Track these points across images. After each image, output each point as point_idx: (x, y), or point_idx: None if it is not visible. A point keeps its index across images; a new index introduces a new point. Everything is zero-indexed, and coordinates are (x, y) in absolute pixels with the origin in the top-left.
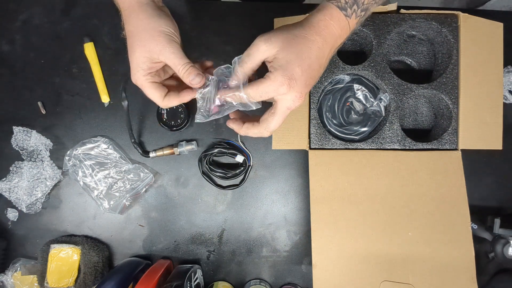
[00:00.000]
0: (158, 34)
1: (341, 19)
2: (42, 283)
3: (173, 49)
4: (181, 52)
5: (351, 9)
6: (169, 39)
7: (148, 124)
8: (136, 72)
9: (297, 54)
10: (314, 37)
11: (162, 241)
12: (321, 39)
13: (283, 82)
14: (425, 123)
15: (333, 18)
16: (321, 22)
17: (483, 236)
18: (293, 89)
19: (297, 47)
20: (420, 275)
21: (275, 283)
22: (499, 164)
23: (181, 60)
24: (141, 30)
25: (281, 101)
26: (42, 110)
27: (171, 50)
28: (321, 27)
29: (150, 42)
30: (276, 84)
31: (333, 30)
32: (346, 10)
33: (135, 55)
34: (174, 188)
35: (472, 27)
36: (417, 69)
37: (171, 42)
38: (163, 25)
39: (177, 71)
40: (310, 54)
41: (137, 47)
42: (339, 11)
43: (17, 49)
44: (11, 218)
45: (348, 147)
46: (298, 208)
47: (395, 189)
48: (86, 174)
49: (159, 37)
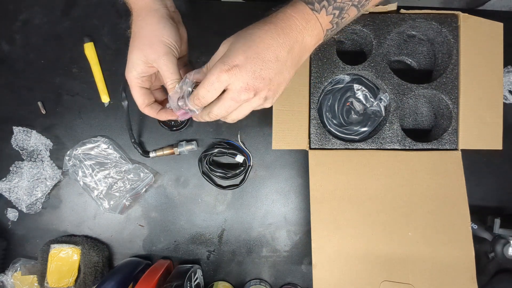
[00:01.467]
0: (157, 43)
1: (306, 13)
2: (42, 283)
3: (167, 61)
4: (174, 66)
5: (319, 4)
6: (166, 50)
7: (148, 124)
8: (130, 71)
9: (243, 43)
10: (268, 26)
11: (162, 241)
12: (278, 29)
13: (222, 68)
14: (425, 123)
15: (296, 10)
16: (280, 13)
17: (483, 236)
18: (236, 77)
19: (245, 37)
20: (420, 275)
21: (275, 283)
22: (499, 164)
23: (171, 75)
24: (143, 34)
25: (228, 90)
26: (42, 110)
27: (164, 62)
28: (280, 18)
29: (148, 48)
30: (216, 72)
31: (294, 22)
32: (313, 4)
33: (132, 56)
34: (174, 188)
35: (472, 27)
36: (417, 69)
37: (167, 54)
38: (165, 35)
39: (165, 84)
40: (259, 43)
41: (136, 49)
42: (304, 5)
43: (17, 49)
44: (11, 218)
45: (348, 147)
46: (298, 208)
47: (395, 189)
48: (86, 174)
49: (157, 46)
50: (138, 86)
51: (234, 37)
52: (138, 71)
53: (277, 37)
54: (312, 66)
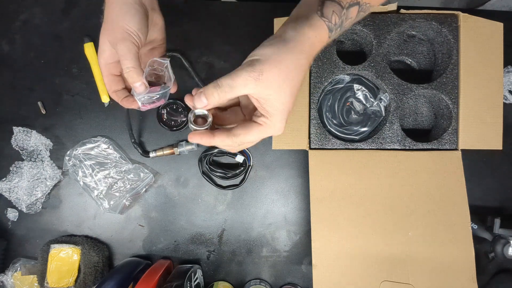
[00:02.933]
0: (117, 28)
1: (325, 39)
2: (42, 283)
3: (123, 47)
4: (131, 53)
5: (335, 31)
6: (124, 36)
7: (148, 124)
8: (100, 56)
9: (290, 92)
10: (304, 61)
11: (162, 241)
12: (308, 62)
13: (281, 126)
14: (425, 123)
15: (321, 38)
16: (310, 40)
17: (483, 236)
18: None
19: (291, 84)
20: (420, 275)
21: (275, 283)
22: (499, 164)
23: (126, 62)
24: (107, 20)
25: (265, 127)
26: (42, 110)
27: (121, 47)
28: (310, 47)
29: (109, 33)
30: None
31: (317, 50)
32: (332, 31)
33: (101, 39)
34: (174, 188)
35: (472, 27)
36: (417, 69)
37: (125, 41)
38: (127, 22)
39: (123, 70)
40: (299, 84)
41: (101, 34)
42: (327, 31)
43: (17, 49)
44: (11, 218)
45: (348, 147)
46: (298, 208)
47: (395, 189)
48: (86, 174)
49: (117, 32)
50: (106, 72)
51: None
52: (104, 57)
53: (307, 70)
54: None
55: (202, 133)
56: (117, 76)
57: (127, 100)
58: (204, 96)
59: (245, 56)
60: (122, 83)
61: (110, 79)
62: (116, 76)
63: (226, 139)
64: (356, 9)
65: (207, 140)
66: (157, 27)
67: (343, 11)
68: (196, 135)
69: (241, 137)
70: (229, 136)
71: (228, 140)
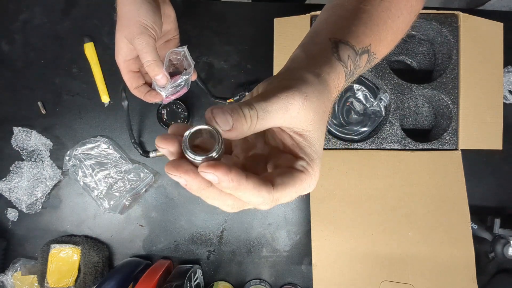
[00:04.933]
0: (133, 23)
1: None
2: (42, 283)
3: (142, 41)
4: (149, 46)
5: (348, 80)
6: (141, 30)
7: (148, 124)
8: (118, 54)
9: (322, 131)
10: (330, 104)
11: (162, 241)
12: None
13: (318, 178)
14: (425, 123)
15: (339, 83)
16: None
17: (483, 236)
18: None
19: (323, 122)
20: (420, 275)
21: (275, 283)
22: (499, 164)
23: (145, 55)
24: (123, 16)
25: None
26: (42, 110)
27: (139, 42)
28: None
29: (125, 28)
30: (316, 179)
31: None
32: (347, 79)
33: (117, 36)
34: (174, 188)
35: (472, 27)
36: (417, 69)
37: (142, 34)
38: (142, 16)
39: (144, 64)
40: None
41: (117, 31)
42: (344, 78)
43: (17, 49)
44: (11, 218)
45: (348, 147)
46: (298, 208)
47: (395, 189)
48: (86, 174)
49: (133, 27)
50: (125, 69)
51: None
52: (122, 54)
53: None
54: None
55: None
56: (136, 73)
57: (150, 94)
58: (229, 115)
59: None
60: (142, 79)
61: (130, 76)
62: (135, 72)
63: (262, 190)
64: (366, 58)
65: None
66: (170, 19)
67: (356, 57)
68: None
69: (281, 191)
70: (267, 186)
71: (265, 192)
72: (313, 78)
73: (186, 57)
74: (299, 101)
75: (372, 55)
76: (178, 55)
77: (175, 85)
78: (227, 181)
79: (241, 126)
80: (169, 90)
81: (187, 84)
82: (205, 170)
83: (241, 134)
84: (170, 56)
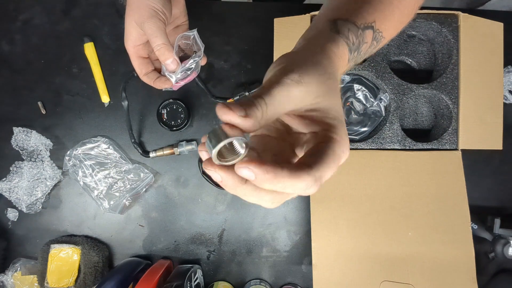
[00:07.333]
0: (143, 7)
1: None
2: (42, 283)
3: (152, 25)
4: (160, 30)
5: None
6: (152, 14)
7: (148, 124)
8: (126, 41)
9: (334, 97)
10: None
11: (162, 241)
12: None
13: (348, 142)
14: (425, 123)
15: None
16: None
17: (483, 236)
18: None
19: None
20: (420, 275)
21: (275, 283)
22: (499, 164)
23: (155, 39)
24: (133, 0)
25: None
26: (42, 110)
27: (149, 25)
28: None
29: (135, 13)
30: (347, 145)
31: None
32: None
33: (127, 21)
34: (174, 188)
35: (472, 27)
36: (417, 69)
37: (152, 18)
38: (151, 1)
39: (153, 48)
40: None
41: (127, 16)
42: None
43: (17, 49)
44: (11, 218)
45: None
46: (298, 208)
47: (395, 189)
48: (86, 174)
49: (143, 10)
50: (135, 55)
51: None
52: (132, 39)
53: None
54: None
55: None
56: (146, 59)
57: (160, 80)
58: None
59: (245, 56)
60: (152, 65)
61: (140, 62)
62: (145, 58)
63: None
64: (371, 34)
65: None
66: (179, 4)
67: (358, 31)
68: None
69: (318, 167)
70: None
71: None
72: (306, 53)
73: (196, 41)
74: (295, 79)
75: (377, 32)
76: (188, 40)
77: (186, 69)
78: (262, 173)
79: (254, 113)
80: (179, 74)
81: (197, 68)
82: (239, 165)
83: (257, 122)
84: (180, 41)
